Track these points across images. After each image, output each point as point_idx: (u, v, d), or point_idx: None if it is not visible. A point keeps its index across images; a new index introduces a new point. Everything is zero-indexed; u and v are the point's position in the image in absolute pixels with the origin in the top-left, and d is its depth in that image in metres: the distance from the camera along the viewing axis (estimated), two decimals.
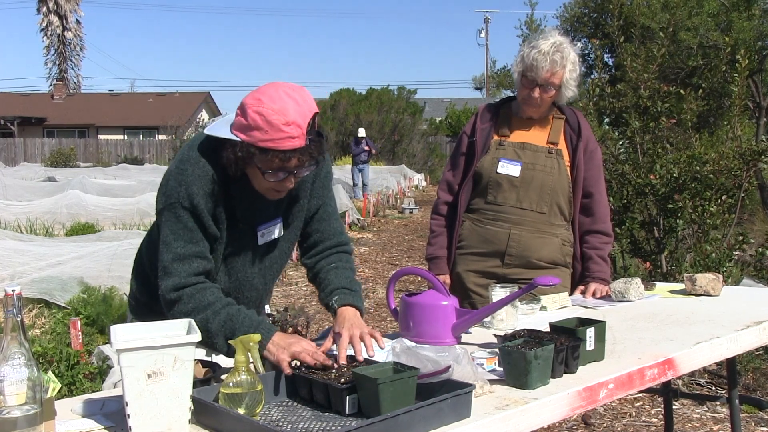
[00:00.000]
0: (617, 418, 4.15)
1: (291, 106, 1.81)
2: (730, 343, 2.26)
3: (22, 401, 1.41)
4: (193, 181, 1.89)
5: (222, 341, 1.87)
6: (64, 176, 18.69)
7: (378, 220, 15.66)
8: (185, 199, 1.89)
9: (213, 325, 1.87)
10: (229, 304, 1.91)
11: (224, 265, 2.04)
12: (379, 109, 28.40)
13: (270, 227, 2.05)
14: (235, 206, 1.97)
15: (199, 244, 1.92)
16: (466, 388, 1.56)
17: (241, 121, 1.85)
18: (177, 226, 1.91)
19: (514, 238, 2.82)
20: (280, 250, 2.13)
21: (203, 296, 1.89)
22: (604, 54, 13.01)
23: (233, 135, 1.85)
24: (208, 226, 1.93)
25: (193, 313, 1.87)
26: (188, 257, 1.91)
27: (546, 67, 2.71)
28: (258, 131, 1.81)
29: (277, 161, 1.83)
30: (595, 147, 2.93)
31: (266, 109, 1.80)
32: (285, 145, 1.81)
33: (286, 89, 1.84)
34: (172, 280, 1.90)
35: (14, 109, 37.65)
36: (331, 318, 2.04)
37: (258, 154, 1.83)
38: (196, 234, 1.92)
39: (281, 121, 1.79)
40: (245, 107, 1.84)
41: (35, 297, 6.08)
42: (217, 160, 1.91)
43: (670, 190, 4.60)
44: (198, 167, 1.91)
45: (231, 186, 1.95)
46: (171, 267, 1.90)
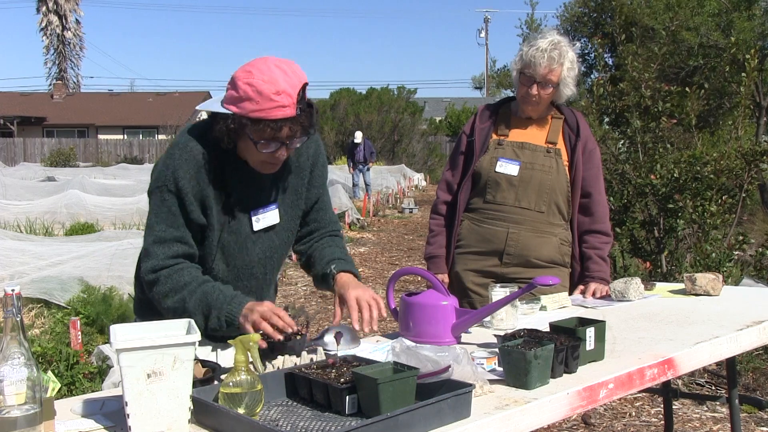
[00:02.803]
0: (617, 417, 4.15)
1: (280, 77, 1.84)
2: (730, 343, 2.26)
3: (22, 401, 1.41)
4: (179, 165, 1.93)
5: (200, 319, 1.91)
6: (63, 176, 18.69)
7: (378, 220, 15.66)
8: (171, 183, 1.93)
9: (190, 305, 1.92)
10: (204, 282, 1.95)
11: (221, 253, 2.04)
12: (379, 109, 28.41)
13: (265, 213, 2.06)
14: (230, 190, 1.99)
15: (180, 229, 1.96)
16: (466, 388, 1.56)
17: (233, 94, 1.88)
18: (161, 209, 1.95)
19: (512, 237, 2.82)
20: (280, 240, 2.13)
21: (180, 276, 1.94)
22: (605, 53, 13.01)
23: (224, 109, 1.89)
24: (191, 211, 1.95)
25: (171, 294, 1.93)
26: (168, 241, 1.95)
27: (543, 63, 2.72)
28: (249, 102, 1.84)
29: (269, 131, 1.87)
30: (594, 147, 2.93)
31: (256, 80, 1.83)
32: (276, 115, 1.84)
33: (276, 61, 1.88)
34: (150, 262, 1.95)
35: (14, 109, 37.65)
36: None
37: (250, 125, 1.86)
38: (178, 219, 1.95)
39: (271, 90, 1.82)
40: (235, 80, 1.88)
41: (35, 297, 6.08)
42: (209, 143, 1.95)
43: (671, 190, 4.60)
44: (185, 151, 1.95)
45: (225, 169, 1.97)
46: (151, 249, 1.95)
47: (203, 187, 1.96)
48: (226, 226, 2.01)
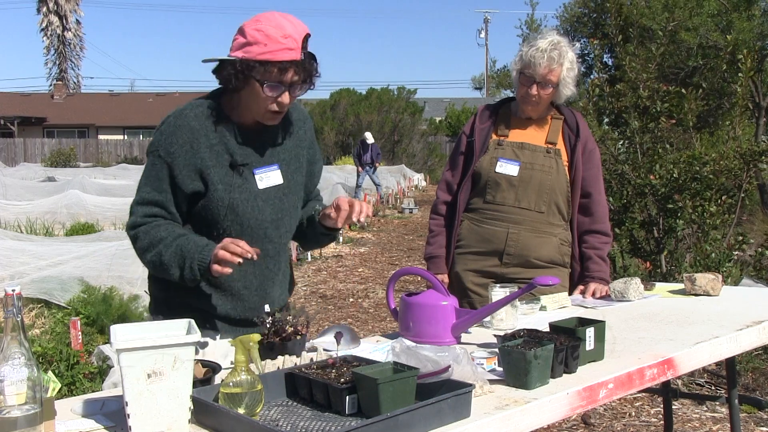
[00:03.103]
0: (617, 417, 4.16)
1: (287, 24, 1.98)
2: (729, 343, 2.26)
3: (22, 401, 1.41)
4: (172, 132, 2.04)
5: (176, 270, 2.01)
6: (64, 176, 18.69)
7: (378, 220, 15.66)
8: (162, 149, 2.05)
9: (165, 258, 2.01)
10: (180, 236, 2.03)
11: (234, 213, 2.08)
12: (379, 109, 28.40)
13: (267, 172, 2.14)
14: (231, 152, 2.08)
15: (162, 194, 2.06)
16: (466, 388, 1.56)
17: (240, 41, 2.00)
18: (150, 172, 2.07)
19: (512, 237, 2.82)
20: (289, 203, 2.19)
21: (156, 232, 2.04)
22: (604, 54, 13.02)
23: (231, 56, 2.00)
24: (179, 178, 2.03)
25: (149, 248, 2.03)
26: (149, 203, 2.06)
27: (543, 63, 2.73)
28: (257, 45, 1.96)
29: (276, 72, 1.97)
30: (593, 147, 2.94)
31: (264, 26, 1.97)
32: (283, 56, 1.96)
33: (281, 14, 2.02)
34: (131, 219, 2.09)
35: (14, 109, 37.64)
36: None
37: (257, 67, 1.97)
38: (162, 184, 2.05)
39: (279, 34, 1.95)
40: (243, 28, 2.01)
41: (35, 297, 6.08)
42: (206, 111, 2.07)
43: (670, 191, 4.60)
44: (180, 118, 2.06)
45: (224, 133, 2.07)
46: (134, 208, 2.09)
47: (199, 152, 2.04)
48: (234, 186, 2.08)
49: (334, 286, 8.62)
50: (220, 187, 2.06)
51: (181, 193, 2.06)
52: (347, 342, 2.10)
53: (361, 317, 7.02)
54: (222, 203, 2.07)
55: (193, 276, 2.00)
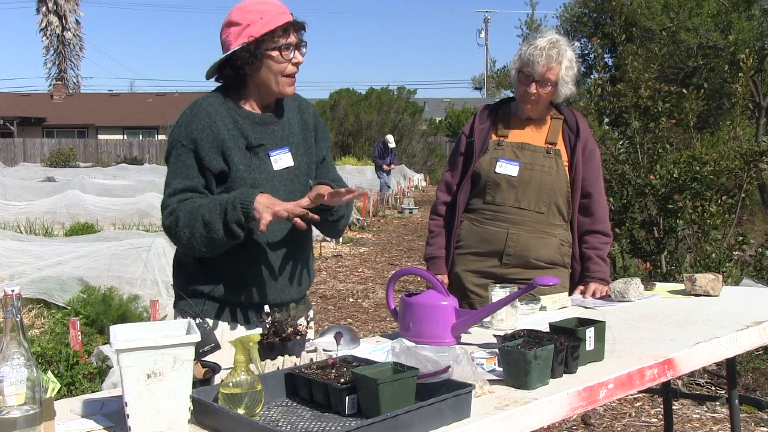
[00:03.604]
0: (617, 418, 4.16)
1: None
2: (729, 343, 2.26)
3: (22, 401, 1.40)
4: (191, 120, 2.13)
5: (219, 225, 2.04)
6: (63, 176, 18.69)
7: (378, 221, 15.66)
8: (184, 137, 2.12)
9: (207, 215, 2.04)
10: (217, 196, 2.10)
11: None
12: (379, 109, 28.40)
13: (280, 154, 2.22)
14: (247, 133, 2.17)
15: (193, 179, 2.12)
16: (466, 388, 1.56)
17: (236, 31, 2.11)
18: (176, 164, 2.13)
19: (512, 238, 2.81)
20: (300, 184, 2.25)
21: (192, 204, 2.08)
22: (604, 54, 13.02)
23: (235, 47, 2.11)
24: (206, 159, 2.10)
25: (191, 220, 2.06)
26: (182, 190, 2.11)
27: (542, 62, 2.73)
28: (255, 24, 2.10)
29: (282, 36, 2.12)
30: (593, 147, 2.93)
31: (250, 5, 2.12)
32: (281, 20, 2.11)
33: None
34: (167, 210, 2.12)
35: (14, 109, 37.62)
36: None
37: (266, 40, 2.10)
38: (191, 170, 2.11)
39: (269, 6, 2.12)
40: (233, 19, 2.13)
41: (35, 297, 6.08)
42: (218, 100, 2.16)
43: (670, 191, 4.60)
44: (195, 107, 2.15)
45: (237, 118, 2.16)
46: (167, 201, 2.12)
47: (219, 134, 2.12)
48: (253, 165, 2.16)
49: (334, 286, 8.62)
50: (242, 167, 2.13)
51: (209, 175, 2.12)
52: (347, 342, 2.10)
53: (361, 317, 7.02)
54: (244, 183, 2.13)
55: (237, 217, 2.01)
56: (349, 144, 28.12)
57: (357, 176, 21.16)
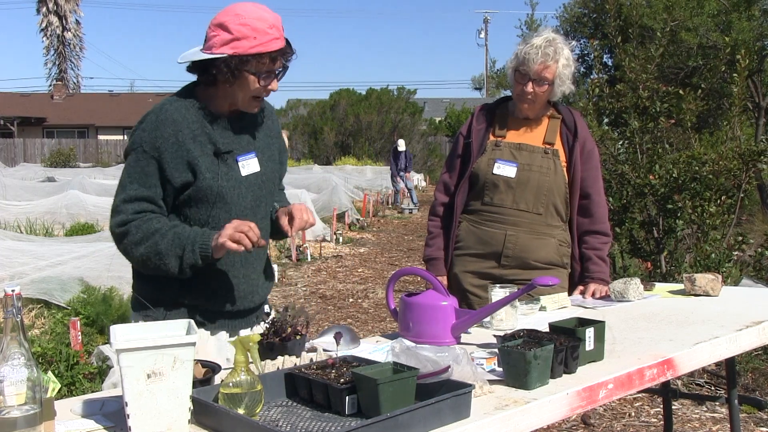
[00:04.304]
0: (617, 418, 4.16)
1: (266, 14, 2.04)
2: (729, 343, 2.26)
3: (22, 401, 1.41)
4: (156, 127, 2.05)
5: (173, 260, 2.02)
6: (63, 176, 18.67)
7: (378, 221, 15.67)
8: (147, 144, 2.04)
9: (162, 247, 2.01)
10: (175, 226, 2.05)
11: (222, 201, 2.11)
12: (379, 109, 28.40)
13: (248, 159, 2.18)
14: (215, 139, 2.11)
15: (151, 189, 2.05)
16: (466, 388, 1.56)
17: (224, 38, 2.02)
18: (135, 169, 2.06)
19: (510, 239, 2.81)
20: (266, 190, 2.24)
21: (150, 225, 2.03)
22: (604, 54, 13.02)
23: (217, 54, 2.03)
24: (168, 170, 2.04)
25: (143, 241, 2.02)
26: (137, 199, 2.05)
27: (538, 60, 2.72)
28: (246, 40, 2.00)
29: (268, 62, 2.05)
30: (592, 147, 2.92)
31: (249, 19, 2.01)
32: (273, 46, 2.03)
33: (252, 3, 2.07)
34: (119, 217, 2.05)
35: (14, 109, 37.60)
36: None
37: (251, 60, 2.02)
38: (150, 179, 2.05)
39: (266, 25, 2.02)
40: (226, 24, 2.02)
41: (35, 297, 6.08)
42: (186, 104, 2.09)
43: (670, 191, 4.60)
44: (162, 113, 2.07)
45: (204, 124, 2.09)
46: (121, 206, 2.06)
47: (185, 143, 2.05)
48: (221, 173, 2.11)
49: (333, 286, 8.62)
50: (209, 175, 2.08)
51: (170, 187, 2.07)
52: (347, 342, 2.10)
53: (360, 317, 7.02)
54: (211, 191, 2.09)
55: (194, 260, 2.01)
56: (349, 144, 28.13)
57: (357, 176, 21.17)
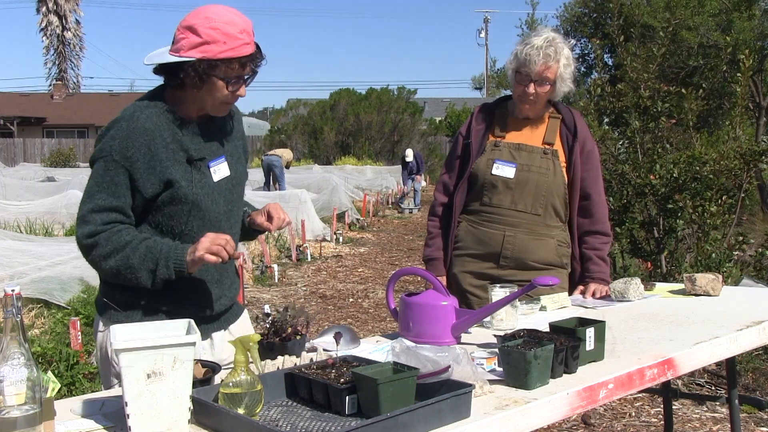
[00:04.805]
0: (617, 418, 4.16)
1: (237, 18, 2.00)
2: (729, 343, 2.26)
3: (22, 401, 1.41)
4: (127, 136, 1.99)
5: (146, 274, 1.98)
6: (63, 176, 18.66)
7: (378, 220, 15.67)
8: (117, 153, 1.98)
9: (134, 261, 1.97)
10: (146, 239, 2.01)
11: (197, 208, 2.09)
12: (379, 109, 28.40)
13: (218, 164, 2.16)
14: (186, 147, 2.08)
15: (120, 198, 2.00)
16: (466, 388, 1.56)
17: (193, 41, 1.97)
18: (104, 178, 2.00)
19: (508, 240, 2.81)
20: (237, 194, 2.23)
21: (119, 237, 1.98)
22: (604, 54, 13.02)
23: (185, 57, 1.98)
24: (138, 180, 1.99)
25: (113, 254, 1.98)
26: (107, 210, 1.99)
27: (539, 61, 2.71)
28: (216, 44, 1.96)
29: (238, 68, 2.01)
30: (592, 147, 2.92)
31: (219, 23, 1.97)
32: (243, 52, 1.99)
33: (222, 6, 2.03)
34: (88, 227, 1.99)
35: (14, 109, 37.61)
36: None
37: (220, 65, 1.98)
38: (119, 189, 2.00)
39: (236, 30, 1.98)
40: (195, 27, 1.98)
41: (35, 297, 6.08)
42: (157, 109, 2.04)
43: (670, 190, 4.60)
44: (132, 121, 2.00)
45: (176, 130, 2.06)
46: (89, 216, 1.99)
47: (157, 153, 2.01)
48: (194, 181, 2.08)
49: (334, 286, 8.62)
50: (184, 183, 2.05)
51: (139, 197, 2.02)
52: (347, 342, 2.10)
53: (361, 317, 7.02)
54: (186, 199, 2.05)
55: (168, 275, 1.98)
56: (349, 144, 28.12)
57: (357, 176, 21.16)
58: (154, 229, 2.07)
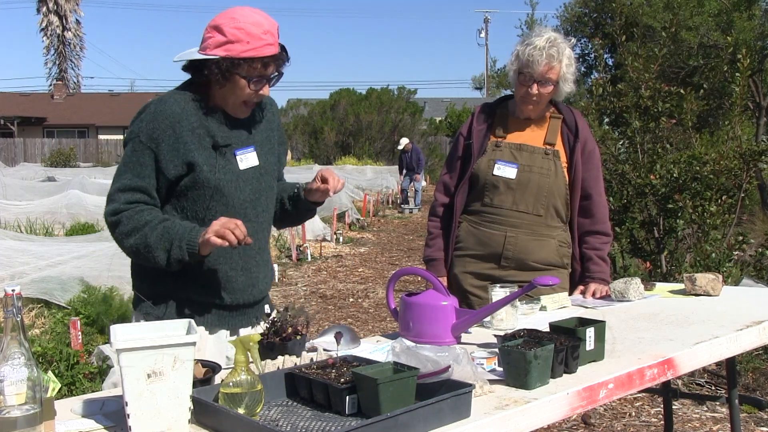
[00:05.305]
0: (617, 418, 4.16)
1: (262, 19, 2.07)
2: (729, 343, 2.26)
3: (22, 401, 1.41)
4: (154, 118, 2.07)
5: (162, 253, 2.03)
6: (64, 176, 18.66)
7: (378, 220, 15.67)
8: (144, 135, 2.07)
9: (151, 240, 2.03)
10: (165, 220, 2.06)
11: (219, 193, 2.13)
12: (379, 109, 28.38)
13: (246, 153, 2.20)
14: (213, 132, 2.13)
15: (145, 179, 2.08)
16: (466, 388, 1.56)
17: (218, 40, 2.05)
18: (131, 159, 2.09)
19: (510, 240, 2.81)
20: (265, 183, 2.26)
21: (141, 216, 2.05)
22: (605, 54, 13.01)
23: (210, 55, 2.05)
24: (163, 161, 2.06)
25: (133, 232, 2.04)
26: (131, 189, 2.07)
27: (542, 62, 2.70)
28: (239, 44, 2.03)
29: (260, 67, 2.07)
30: (593, 147, 2.91)
31: (243, 23, 2.04)
32: (266, 52, 2.05)
33: (250, 8, 2.09)
34: (112, 206, 2.08)
35: (14, 109, 37.60)
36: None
37: (243, 64, 2.04)
38: (145, 170, 2.07)
39: (260, 31, 2.04)
40: (221, 27, 2.05)
41: (35, 297, 6.08)
42: (185, 97, 2.11)
43: (670, 190, 4.60)
44: (161, 104, 2.09)
45: (203, 117, 2.12)
46: (114, 195, 2.09)
47: (182, 135, 2.07)
48: (218, 166, 2.13)
49: (334, 286, 8.62)
50: (206, 168, 2.10)
51: (163, 179, 2.09)
52: (347, 342, 2.10)
53: (361, 317, 7.02)
54: (208, 184, 2.10)
55: (181, 256, 2.02)
56: (349, 144, 28.11)
57: (357, 176, 21.15)
58: (180, 214, 2.14)
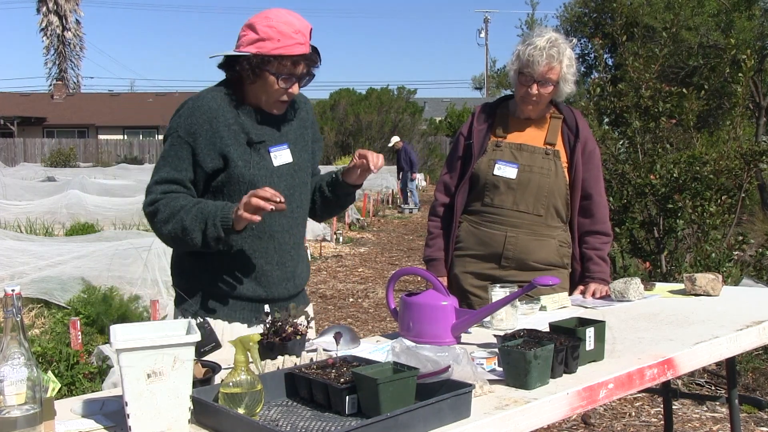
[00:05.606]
0: (617, 418, 4.16)
1: (295, 20, 2.14)
2: (729, 343, 2.26)
3: (22, 401, 1.40)
4: (192, 112, 2.15)
5: (198, 235, 2.08)
6: (63, 176, 18.68)
7: (378, 220, 15.67)
8: (182, 129, 2.15)
9: (187, 222, 2.08)
10: (199, 202, 2.12)
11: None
12: (379, 109, 28.38)
13: (280, 150, 2.26)
14: (248, 129, 2.20)
15: (182, 172, 2.15)
16: (466, 388, 1.56)
17: (252, 37, 2.12)
18: (170, 153, 2.16)
19: (510, 240, 2.81)
20: (299, 179, 2.31)
21: (176, 202, 2.12)
22: (605, 54, 13.01)
23: (242, 52, 2.13)
24: (200, 155, 2.13)
25: (170, 219, 2.10)
26: (167, 181, 2.14)
27: (543, 62, 2.71)
28: (270, 41, 2.10)
29: (289, 65, 2.12)
30: (593, 147, 2.92)
31: (275, 22, 2.11)
32: (295, 51, 2.11)
33: (285, 10, 2.16)
34: (150, 197, 2.15)
35: (14, 109, 37.62)
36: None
37: (272, 61, 2.11)
38: (182, 163, 2.15)
39: (291, 30, 2.11)
40: (254, 25, 2.13)
41: (35, 297, 6.08)
42: (221, 94, 2.18)
43: (670, 190, 4.60)
44: (198, 100, 2.17)
45: (239, 114, 2.19)
46: (152, 188, 2.16)
47: (218, 130, 2.14)
48: (252, 162, 2.19)
49: (334, 286, 8.62)
50: (240, 163, 2.16)
51: (201, 172, 2.15)
52: (347, 342, 2.10)
53: (361, 317, 7.02)
54: (243, 179, 2.17)
55: (217, 234, 2.06)
56: (349, 144, 28.09)
57: None
58: None
